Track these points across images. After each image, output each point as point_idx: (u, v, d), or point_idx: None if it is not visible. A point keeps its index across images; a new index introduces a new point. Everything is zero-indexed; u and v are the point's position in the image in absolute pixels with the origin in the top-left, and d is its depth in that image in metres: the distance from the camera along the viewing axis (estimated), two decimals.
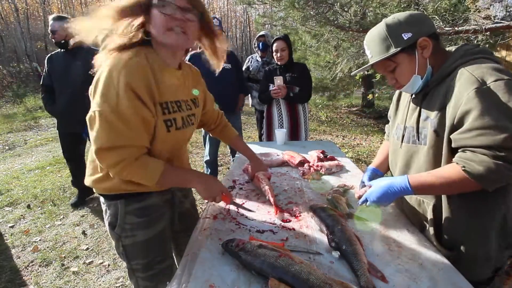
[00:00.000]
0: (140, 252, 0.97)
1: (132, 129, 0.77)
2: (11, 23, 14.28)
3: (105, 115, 0.73)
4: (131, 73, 0.75)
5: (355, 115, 7.66)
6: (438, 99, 0.82)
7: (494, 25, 2.21)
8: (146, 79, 0.79)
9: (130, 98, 0.75)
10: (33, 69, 11.71)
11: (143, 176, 0.83)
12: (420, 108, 0.89)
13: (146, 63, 0.80)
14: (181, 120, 0.90)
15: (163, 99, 0.85)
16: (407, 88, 0.90)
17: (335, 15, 2.82)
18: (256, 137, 4.10)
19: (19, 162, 4.12)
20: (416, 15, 0.86)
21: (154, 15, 0.79)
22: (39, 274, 1.85)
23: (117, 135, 0.75)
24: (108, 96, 0.74)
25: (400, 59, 0.86)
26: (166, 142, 0.89)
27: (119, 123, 0.74)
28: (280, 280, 0.67)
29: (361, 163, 3.82)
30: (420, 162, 0.90)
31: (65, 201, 2.85)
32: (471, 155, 0.71)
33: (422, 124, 0.88)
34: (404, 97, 1.06)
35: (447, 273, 0.74)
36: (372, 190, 0.90)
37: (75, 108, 2.32)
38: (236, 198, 1.21)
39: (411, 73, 0.87)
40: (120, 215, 0.93)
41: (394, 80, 0.92)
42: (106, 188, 0.91)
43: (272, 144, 2.15)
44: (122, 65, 0.75)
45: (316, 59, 5.32)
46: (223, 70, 2.73)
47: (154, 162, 0.84)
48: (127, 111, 0.74)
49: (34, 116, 7.45)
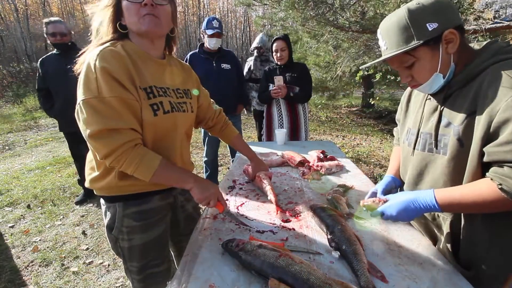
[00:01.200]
0: (136, 255, 0.96)
1: (118, 111, 0.77)
2: (11, 23, 14.27)
3: (90, 103, 0.75)
4: (105, 59, 0.77)
5: (355, 115, 7.66)
6: (464, 104, 0.71)
7: (494, 25, 2.21)
8: (123, 64, 0.80)
9: (109, 82, 0.76)
10: (33, 69, 11.70)
11: (139, 166, 0.81)
12: (441, 112, 0.78)
13: (122, 51, 0.82)
14: (168, 104, 0.89)
15: (146, 84, 0.85)
16: (425, 87, 0.78)
17: (335, 15, 2.82)
18: (256, 137, 4.11)
19: (19, 162, 4.12)
20: (443, 2, 0.72)
21: (125, 6, 0.83)
22: (39, 274, 1.85)
23: (105, 118, 0.75)
24: (88, 85, 0.76)
25: (421, 53, 0.73)
26: (156, 127, 0.87)
27: (104, 106, 0.75)
28: (280, 280, 0.67)
29: (361, 163, 3.82)
30: (436, 173, 0.80)
31: (65, 201, 2.85)
32: (510, 171, 0.61)
33: (442, 131, 0.77)
34: (416, 99, 0.94)
35: (447, 273, 0.74)
36: (391, 204, 0.79)
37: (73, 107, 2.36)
38: (236, 198, 1.21)
39: (431, 71, 0.74)
40: (118, 217, 0.92)
41: (409, 77, 0.79)
42: (103, 188, 0.91)
43: (272, 144, 2.15)
44: (97, 54, 0.77)
45: (316, 59, 5.33)
46: (223, 70, 2.73)
47: (151, 154, 0.84)
48: (109, 94, 0.76)
49: (34, 116, 7.45)
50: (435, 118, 0.79)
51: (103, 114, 0.75)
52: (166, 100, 0.89)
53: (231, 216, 1.03)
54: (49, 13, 16.29)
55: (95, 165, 0.90)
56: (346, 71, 4.40)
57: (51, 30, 2.38)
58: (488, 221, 0.74)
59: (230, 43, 23.95)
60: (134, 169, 0.81)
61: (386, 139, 5.18)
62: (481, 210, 0.70)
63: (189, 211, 1.15)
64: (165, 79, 0.94)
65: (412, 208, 0.75)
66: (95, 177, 0.91)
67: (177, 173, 0.91)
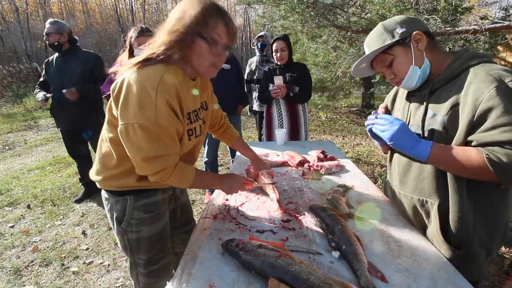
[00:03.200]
0: (143, 247, 1.02)
1: (171, 139, 0.84)
2: (11, 23, 14.28)
3: (148, 128, 0.78)
4: (166, 90, 0.79)
5: (355, 115, 7.66)
6: (448, 98, 0.82)
7: (494, 25, 2.21)
8: (178, 95, 0.84)
9: (168, 113, 0.80)
10: (33, 69, 11.71)
11: (181, 180, 0.91)
12: (427, 106, 0.89)
13: (175, 80, 0.83)
14: (199, 128, 0.97)
15: (188, 110, 0.90)
16: (407, 81, 0.89)
17: (335, 15, 2.83)
18: (256, 137, 4.11)
19: (19, 162, 4.12)
20: (411, 17, 0.91)
21: (200, 47, 0.82)
22: (39, 274, 1.85)
23: (161, 145, 0.82)
24: (146, 110, 0.77)
25: (396, 51, 0.88)
26: (187, 148, 0.96)
27: (162, 135, 0.81)
28: (280, 280, 0.67)
29: (361, 163, 3.82)
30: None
31: (65, 201, 2.85)
32: (497, 148, 0.71)
33: (428, 121, 0.87)
34: (400, 99, 1.06)
35: (447, 273, 0.74)
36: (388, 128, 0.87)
37: (68, 106, 2.50)
38: (236, 198, 1.21)
39: (408, 65, 0.87)
40: (128, 210, 0.98)
41: (392, 75, 0.92)
42: (117, 185, 0.96)
43: (272, 144, 2.15)
44: (158, 82, 0.78)
45: (316, 59, 5.32)
46: (223, 71, 2.73)
47: (188, 168, 0.93)
48: (166, 123, 0.80)
49: (34, 116, 7.45)
50: (422, 110, 0.90)
51: (159, 141, 0.81)
52: (198, 125, 0.96)
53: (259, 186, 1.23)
54: (49, 13, 16.30)
55: (112, 164, 0.93)
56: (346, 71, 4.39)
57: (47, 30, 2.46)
58: (472, 202, 0.83)
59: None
60: (176, 184, 0.92)
61: None
62: (462, 171, 0.78)
63: (184, 201, 1.24)
64: (196, 102, 0.97)
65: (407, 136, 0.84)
66: (111, 175, 0.95)
67: (207, 180, 1.05)
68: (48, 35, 2.44)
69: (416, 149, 0.82)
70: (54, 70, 2.53)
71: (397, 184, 1.03)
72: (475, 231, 0.84)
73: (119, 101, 0.78)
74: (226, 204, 1.16)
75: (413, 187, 0.94)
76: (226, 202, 1.17)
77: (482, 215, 0.83)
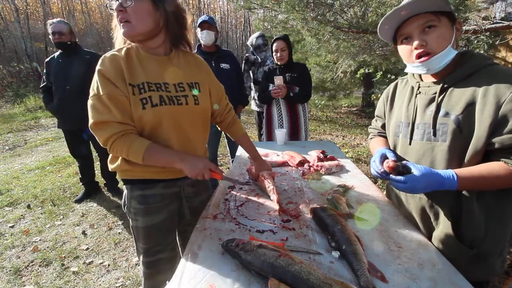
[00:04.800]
0: (141, 236, 1.06)
1: (107, 107, 0.89)
2: (11, 23, 14.27)
3: (91, 100, 0.90)
4: (103, 63, 0.91)
5: (355, 115, 7.66)
6: (463, 96, 0.80)
7: (494, 25, 2.21)
8: (117, 66, 0.91)
9: (102, 82, 0.89)
10: (33, 69, 11.70)
11: (129, 151, 0.91)
12: (439, 103, 0.85)
13: (120, 54, 0.93)
14: (158, 97, 0.95)
15: (138, 81, 0.94)
16: (437, 58, 0.81)
17: (335, 15, 2.82)
18: (256, 137, 4.11)
19: (19, 162, 4.12)
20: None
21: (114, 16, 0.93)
22: (39, 274, 1.85)
23: (98, 112, 0.89)
24: (92, 85, 0.91)
25: (444, 22, 0.80)
26: (145, 119, 0.94)
27: (99, 103, 0.89)
28: (280, 280, 0.67)
29: (361, 163, 3.82)
30: (436, 159, 0.86)
31: (65, 201, 2.85)
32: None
33: (441, 120, 0.84)
34: (401, 94, 1.02)
35: (447, 273, 0.74)
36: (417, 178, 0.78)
37: (71, 106, 2.52)
38: (236, 198, 1.21)
39: (446, 41, 0.80)
40: (127, 198, 1.06)
41: (424, 42, 0.81)
42: (116, 170, 1.03)
43: (272, 144, 2.15)
44: (101, 59, 0.92)
45: (317, 59, 5.33)
46: (222, 70, 2.72)
47: (139, 140, 0.93)
48: (102, 92, 0.89)
49: (34, 116, 7.45)
50: (433, 109, 0.86)
51: (98, 110, 0.89)
52: (157, 95, 0.95)
53: (229, 179, 1.16)
54: (49, 13, 16.28)
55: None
56: (346, 71, 4.40)
57: (51, 29, 2.45)
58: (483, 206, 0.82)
59: (230, 43, 23.94)
60: (126, 155, 0.92)
61: None
62: (492, 188, 0.78)
63: (195, 205, 1.19)
64: (164, 75, 1.00)
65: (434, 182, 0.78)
66: (110, 159, 1.04)
67: (165, 155, 0.95)
68: (61, 34, 2.43)
69: (444, 187, 0.78)
70: (57, 69, 2.51)
71: None
72: (487, 232, 0.83)
73: None
74: (226, 204, 1.16)
75: None
76: (226, 202, 1.17)
77: (494, 218, 0.83)
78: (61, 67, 2.50)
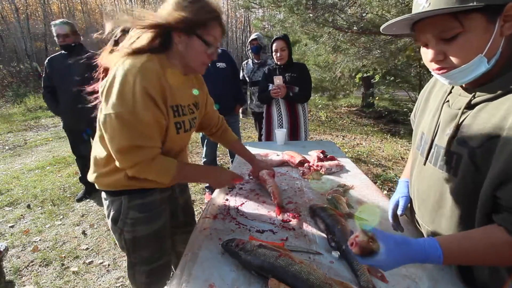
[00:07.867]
0: (139, 247, 1.01)
1: (148, 130, 0.80)
2: (11, 23, 14.27)
3: (123, 117, 0.76)
4: (146, 77, 0.77)
5: (355, 115, 7.66)
6: (489, 122, 0.56)
7: None
8: (160, 83, 0.81)
9: (146, 101, 0.77)
10: (33, 69, 11.69)
11: (159, 174, 0.87)
12: (459, 125, 0.63)
13: (159, 68, 0.82)
14: (188, 123, 0.95)
15: (175, 102, 0.88)
16: (457, 74, 0.58)
17: (334, 16, 2.82)
18: (256, 137, 4.11)
19: (19, 162, 4.12)
20: None
21: (194, 43, 0.85)
22: (39, 274, 1.85)
23: (135, 135, 0.78)
24: (124, 99, 0.75)
25: (473, 23, 0.54)
26: (175, 143, 0.93)
27: (137, 124, 0.77)
28: (280, 280, 0.67)
29: (361, 163, 3.82)
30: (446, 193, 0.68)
31: (65, 201, 2.85)
32: None
33: (455, 148, 0.63)
34: (435, 96, 0.78)
35: (447, 273, 0.74)
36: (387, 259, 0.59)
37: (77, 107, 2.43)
38: (236, 198, 1.21)
39: (477, 50, 0.55)
40: (123, 210, 0.96)
41: (441, 55, 0.59)
42: (110, 184, 0.93)
43: (272, 144, 2.15)
44: (137, 69, 0.76)
45: (316, 59, 5.33)
46: (219, 70, 2.70)
47: (168, 161, 0.89)
48: (144, 113, 0.77)
49: (34, 116, 7.44)
50: (451, 131, 0.64)
51: (134, 131, 0.78)
52: (187, 119, 0.94)
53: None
54: (49, 13, 16.28)
55: (102, 161, 0.91)
56: (345, 72, 4.40)
57: (55, 32, 2.44)
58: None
59: (230, 43, 23.94)
60: (154, 177, 0.87)
61: (386, 139, 5.18)
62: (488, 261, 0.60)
63: (184, 201, 1.21)
64: (186, 95, 0.97)
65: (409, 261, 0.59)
66: (102, 173, 0.92)
67: (191, 174, 1.01)
68: (65, 36, 2.41)
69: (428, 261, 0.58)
70: (63, 71, 2.48)
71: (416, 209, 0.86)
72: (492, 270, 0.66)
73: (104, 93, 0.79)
74: (226, 204, 1.16)
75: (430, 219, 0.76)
76: (226, 202, 1.17)
77: None
78: (66, 69, 2.46)
